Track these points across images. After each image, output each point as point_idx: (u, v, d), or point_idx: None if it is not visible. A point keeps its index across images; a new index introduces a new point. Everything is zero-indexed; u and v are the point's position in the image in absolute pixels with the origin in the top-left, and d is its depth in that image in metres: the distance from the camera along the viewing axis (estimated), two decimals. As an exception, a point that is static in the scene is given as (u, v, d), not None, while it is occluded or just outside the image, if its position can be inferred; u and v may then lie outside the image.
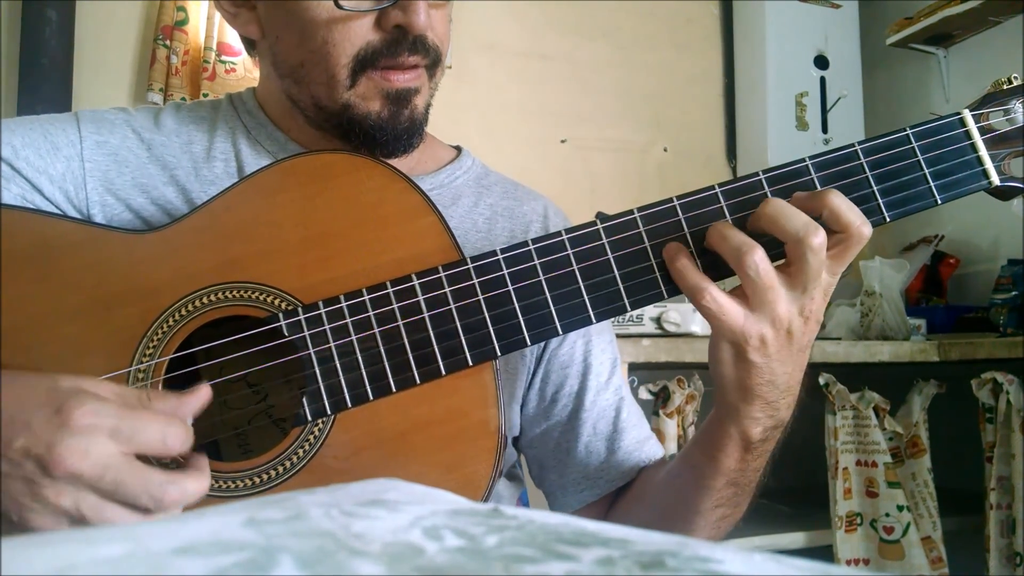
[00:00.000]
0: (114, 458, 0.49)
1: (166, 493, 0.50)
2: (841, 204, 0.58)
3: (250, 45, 0.77)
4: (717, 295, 0.59)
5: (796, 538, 1.75)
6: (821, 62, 2.35)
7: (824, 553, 1.72)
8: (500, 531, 0.26)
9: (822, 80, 2.34)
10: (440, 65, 0.73)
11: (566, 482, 0.80)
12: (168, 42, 1.88)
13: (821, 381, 1.73)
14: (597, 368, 0.81)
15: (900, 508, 1.70)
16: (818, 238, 0.57)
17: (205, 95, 1.88)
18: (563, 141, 2.28)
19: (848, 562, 1.68)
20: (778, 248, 0.60)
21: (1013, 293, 1.90)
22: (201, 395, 0.55)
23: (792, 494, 2.03)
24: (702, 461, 0.67)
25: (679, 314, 1.61)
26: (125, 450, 0.49)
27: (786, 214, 0.58)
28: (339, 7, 0.65)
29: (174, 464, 0.54)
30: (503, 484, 0.81)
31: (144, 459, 0.51)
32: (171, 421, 0.52)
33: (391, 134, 0.70)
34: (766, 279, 0.57)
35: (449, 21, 0.73)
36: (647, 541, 0.25)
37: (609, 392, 0.81)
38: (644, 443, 0.81)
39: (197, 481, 0.52)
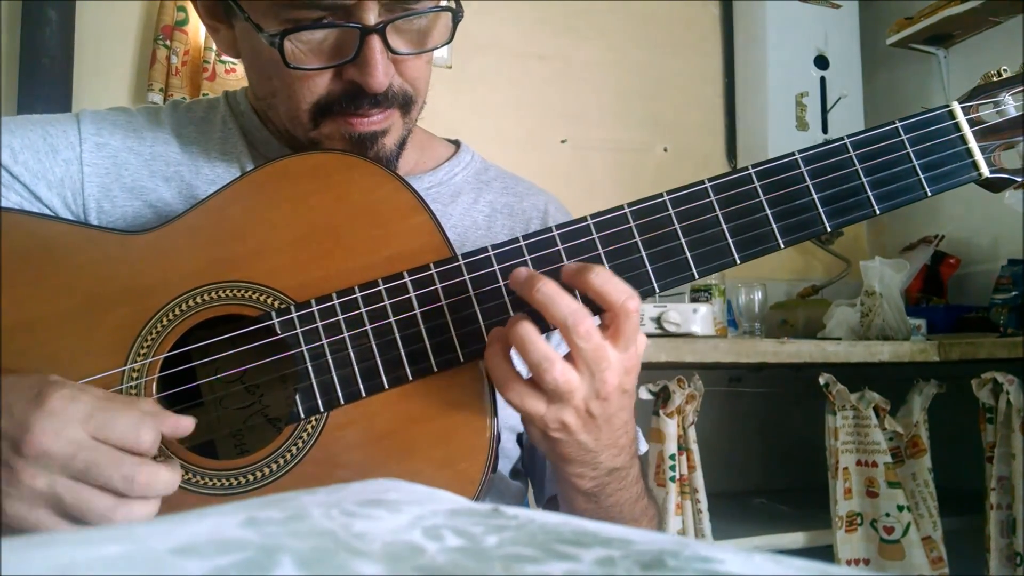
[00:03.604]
0: (86, 440, 0.50)
1: (138, 474, 0.50)
2: (602, 283, 0.55)
3: None
4: (521, 390, 0.57)
5: (796, 538, 1.75)
6: (821, 62, 2.34)
7: (824, 553, 1.72)
8: (500, 531, 0.26)
9: (822, 80, 2.33)
10: (415, 104, 0.70)
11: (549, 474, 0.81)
12: (168, 42, 1.87)
13: (821, 381, 1.73)
14: None
15: (900, 508, 1.70)
16: (584, 325, 0.55)
17: (205, 95, 1.88)
18: (563, 141, 2.28)
19: (848, 562, 1.68)
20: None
21: (1013, 293, 1.90)
22: (182, 423, 0.55)
23: (792, 494, 2.03)
24: (562, 498, 0.69)
25: (679, 314, 1.61)
26: (97, 436, 0.50)
27: (556, 301, 0.55)
28: (287, 66, 0.63)
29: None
30: (509, 483, 0.81)
31: None
32: (145, 419, 0.52)
33: None
34: (564, 387, 0.56)
35: (429, 62, 0.70)
36: (648, 541, 0.25)
37: None
38: None
39: (170, 471, 0.53)
